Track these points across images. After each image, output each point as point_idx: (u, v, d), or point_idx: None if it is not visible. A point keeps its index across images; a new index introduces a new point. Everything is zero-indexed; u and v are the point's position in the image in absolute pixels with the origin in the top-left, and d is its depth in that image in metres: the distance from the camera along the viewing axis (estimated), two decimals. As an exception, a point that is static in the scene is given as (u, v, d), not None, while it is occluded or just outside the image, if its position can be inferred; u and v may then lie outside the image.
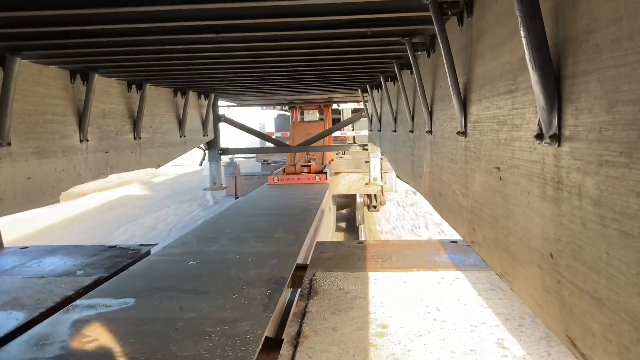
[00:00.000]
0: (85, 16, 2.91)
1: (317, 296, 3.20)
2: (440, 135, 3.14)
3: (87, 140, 4.39)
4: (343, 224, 13.91)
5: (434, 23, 2.51)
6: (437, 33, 2.53)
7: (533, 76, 1.44)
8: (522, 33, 1.45)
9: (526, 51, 1.44)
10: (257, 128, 15.46)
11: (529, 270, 1.68)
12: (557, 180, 1.45)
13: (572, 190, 1.36)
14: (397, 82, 4.97)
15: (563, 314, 1.45)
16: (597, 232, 1.24)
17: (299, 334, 2.61)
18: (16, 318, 2.99)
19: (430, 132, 3.46)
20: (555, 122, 1.43)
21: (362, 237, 11.65)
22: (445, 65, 2.55)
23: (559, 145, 1.42)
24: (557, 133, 1.42)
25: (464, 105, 2.50)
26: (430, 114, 3.45)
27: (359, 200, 12.21)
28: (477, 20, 2.30)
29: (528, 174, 1.66)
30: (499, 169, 1.97)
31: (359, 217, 12.32)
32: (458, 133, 2.57)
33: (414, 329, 2.66)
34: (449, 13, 2.55)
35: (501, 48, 1.93)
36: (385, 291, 3.28)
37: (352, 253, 4.21)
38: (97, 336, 2.60)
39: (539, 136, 1.54)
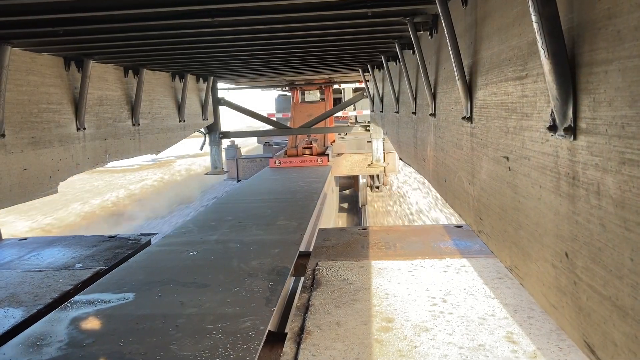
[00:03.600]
0: (77, 3, 2.80)
1: (320, 287, 3.13)
2: (444, 119, 3.04)
3: (84, 129, 4.29)
4: (346, 205, 13.87)
5: (437, 2, 2.42)
6: (440, 12, 2.44)
7: (546, 64, 1.34)
8: (533, 17, 1.34)
9: (538, 37, 1.33)
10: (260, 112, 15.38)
11: (542, 268, 1.60)
12: (572, 176, 1.36)
13: (589, 187, 1.27)
14: (399, 62, 4.85)
15: (580, 319, 1.36)
16: (619, 236, 1.14)
17: (302, 329, 2.54)
18: (13, 316, 2.93)
19: (433, 115, 3.36)
20: (570, 113, 1.33)
21: (366, 218, 11.59)
22: (449, 46, 2.45)
23: (575, 138, 1.33)
24: (573, 125, 1.33)
25: (470, 90, 2.41)
26: (434, 96, 3.34)
27: (361, 181, 12.16)
28: (482, 0, 2.19)
29: (540, 167, 1.57)
30: (507, 158, 1.88)
31: (361, 198, 12.28)
32: (463, 118, 2.48)
33: (420, 322, 2.60)
34: (452, -8, 2.45)
35: (509, 31, 1.82)
36: (390, 281, 3.21)
37: (355, 240, 4.14)
38: (95, 336, 2.53)
39: (552, 127, 1.44)
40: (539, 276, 1.63)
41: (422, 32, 3.48)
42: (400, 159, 5.65)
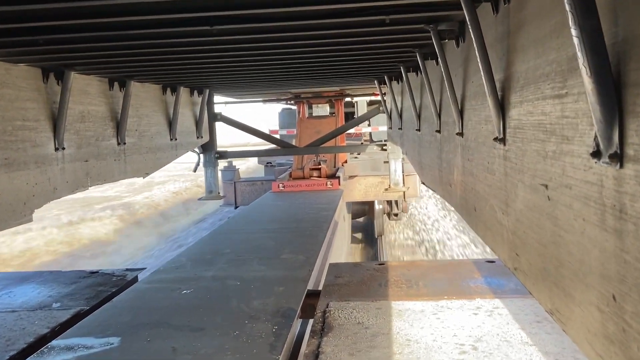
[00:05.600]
0: (58, 10, 2.87)
1: (331, 332, 3.13)
2: (473, 139, 3.08)
3: (64, 149, 4.35)
4: (359, 235, 13.83)
5: (464, 8, 2.47)
6: (467, 20, 2.49)
7: (588, 83, 1.38)
8: (573, 31, 1.38)
9: (579, 54, 1.37)
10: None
11: (586, 312, 1.62)
12: (620, 209, 1.38)
13: (638, 222, 1.29)
14: (420, 73, 4.91)
15: (632, 372, 1.37)
16: (672, 278, 1.17)
17: (311, 382, 2.55)
18: (-19, 365, 2.95)
19: (461, 134, 3.40)
20: (615, 138, 1.37)
21: (382, 251, 11.57)
22: (478, 58, 2.50)
23: (621, 166, 1.36)
24: (619, 152, 1.36)
25: (502, 107, 2.45)
26: (461, 113, 3.39)
27: (377, 207, 12.18)
28: (516, 9, 2.24)
29: (582, 197, 1.60)
30: (546, 186, 1.91)
31: (378, 228, 12.30)
32: (495, 139, 2.52)
33: (448, 373, 2.59)
34: (481, -2, 2.50)
35: (546, 43, 1.87)
36: (412, 325, 3.21)
37: (371, 277, 4.15)
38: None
39: (596, 153, 1.47)
40: (583, 321, 1.64)
41: (447, 40, 3.55)
42: (423, 182, 5.65)
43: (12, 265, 12.86)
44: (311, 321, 3.46)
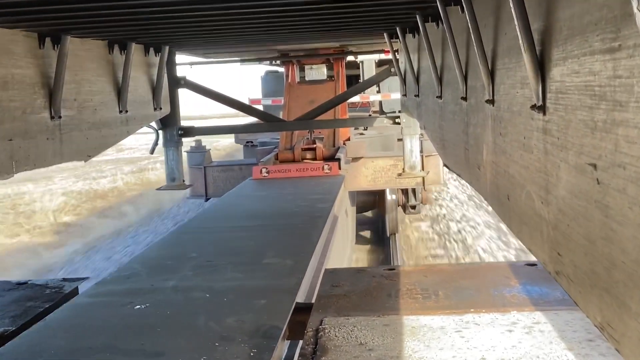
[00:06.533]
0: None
1: (326, 356, 3.14)
2: (507, 108, 3.10)
3: (-22, 125, 4.34)
4: (367, 234, 13.87)
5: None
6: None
7: (644, 32, 1.39)
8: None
9: (632, -3, 1.38)
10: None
11: (645, 326, 1.64)
12: (686, 194, 1.39)
13: None
14: (441, 23, 4.90)
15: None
16: None
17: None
18: None
19: (491, 101, 3.41)
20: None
21: (396, 253, 11.63)
22: (511, 2, 2.51)
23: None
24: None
25: (541, 66, 2.46)
26: (492, 75, 3.39)
27: (389, 198, 12.21)
28: (556, -62, 2.25)
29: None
30: (595, 166, 1.93)
31: (390, 224, 12.33)
32: (533, 107, 2.54)
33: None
34: None
35: (595, -18, 1.88)
36: (429, 346, 3.20)
37: (379, 286, 4.15)
38: None
39: (656, 123, 1.49)
40: (641, 338, 1.67)
41: (473, -20, 3.55)
42: (445, 165, 5.65)
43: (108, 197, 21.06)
44: (300, 343, 3.46)
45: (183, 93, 9.41)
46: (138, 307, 4.01)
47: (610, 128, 1.80)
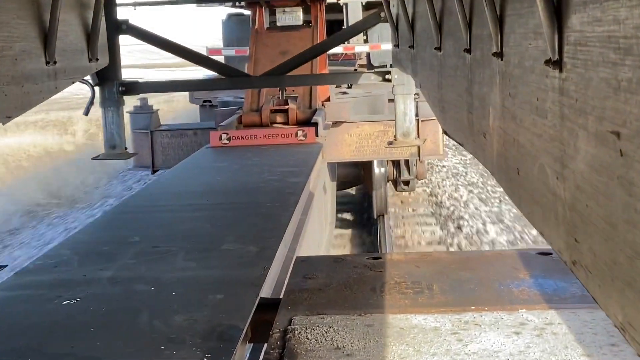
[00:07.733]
0: None
1: (295, 363, 3.08)
2: (517, 63, 2.98)
3: None
4: (349, 216, 13.86)
5: None
6: None
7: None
8: None
9: None
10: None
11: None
12: None
13: None
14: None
15: None
16: None
17: None
18: None
19: (499, 54, 3.30)
20: None
21: (385, 239, 11.49)
22: None
23: None
24: None
25: (558, 13, 2.34)
26: (500, 22, 3.29)
27: (377, 171, 11.96)
28: None
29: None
30: (618, 135, 1.81)
31: (377, 202, 12.05)
32: (548, 63, 2.40)
33: None
34: None
35: None
36: (420, 351, 3.08)
37: (360, 278, 4.03)
38: None
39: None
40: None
41: None
42: (444, 131, 5.55)
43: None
44: (265, 347, 3.41)
45: (125, 40, 8.94)
46: (67, 302, 3.85)
47: (636, 89, 1.67)
